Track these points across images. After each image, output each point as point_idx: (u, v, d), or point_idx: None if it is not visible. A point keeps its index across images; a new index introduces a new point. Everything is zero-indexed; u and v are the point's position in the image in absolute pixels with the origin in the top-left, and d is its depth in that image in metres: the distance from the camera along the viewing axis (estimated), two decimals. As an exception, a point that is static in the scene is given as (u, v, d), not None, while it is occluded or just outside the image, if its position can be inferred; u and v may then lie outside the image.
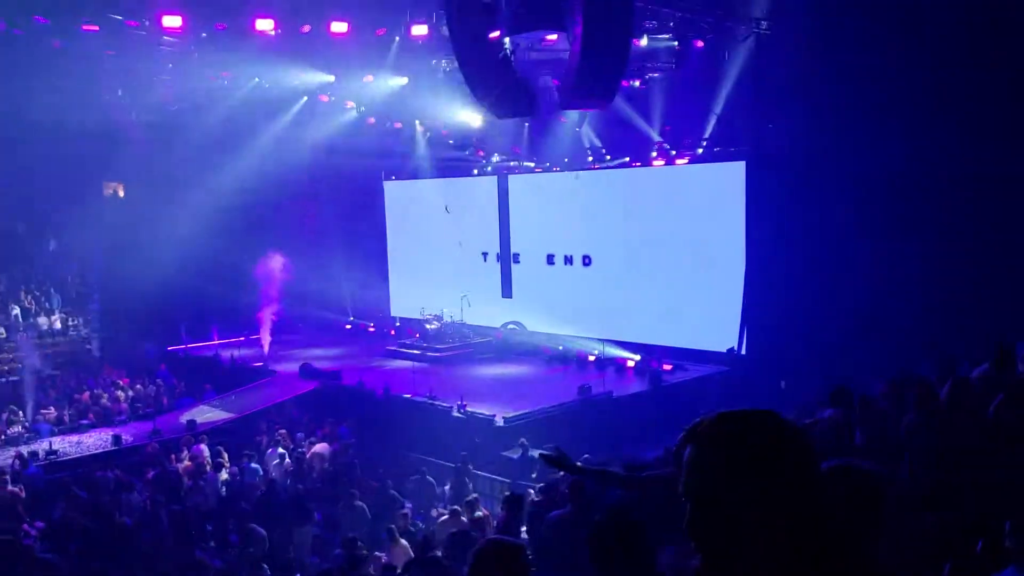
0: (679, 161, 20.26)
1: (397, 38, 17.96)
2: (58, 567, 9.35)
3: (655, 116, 20.12)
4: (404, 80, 20.41)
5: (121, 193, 25.79)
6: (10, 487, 13.01)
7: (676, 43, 17.75)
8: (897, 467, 5.26)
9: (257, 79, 20.31)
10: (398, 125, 24.60)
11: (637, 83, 19.40)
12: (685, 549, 1.57)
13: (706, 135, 19.53)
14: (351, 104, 22.96)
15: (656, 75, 19.15)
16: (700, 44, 17.88)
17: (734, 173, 19.03)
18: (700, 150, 19.90)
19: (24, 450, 15.53)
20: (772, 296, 17.72)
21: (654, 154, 20.62)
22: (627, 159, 21.40)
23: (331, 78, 20.36)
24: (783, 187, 17.56)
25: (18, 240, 24.20)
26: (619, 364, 19.76)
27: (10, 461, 14.59)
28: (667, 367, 18.82)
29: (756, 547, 1.43)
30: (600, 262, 21.84)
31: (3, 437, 17.07)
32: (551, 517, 6.32)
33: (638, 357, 19.73)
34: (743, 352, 18.83)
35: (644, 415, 14.89)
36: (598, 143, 22.05)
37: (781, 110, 17.49)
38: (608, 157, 21.84)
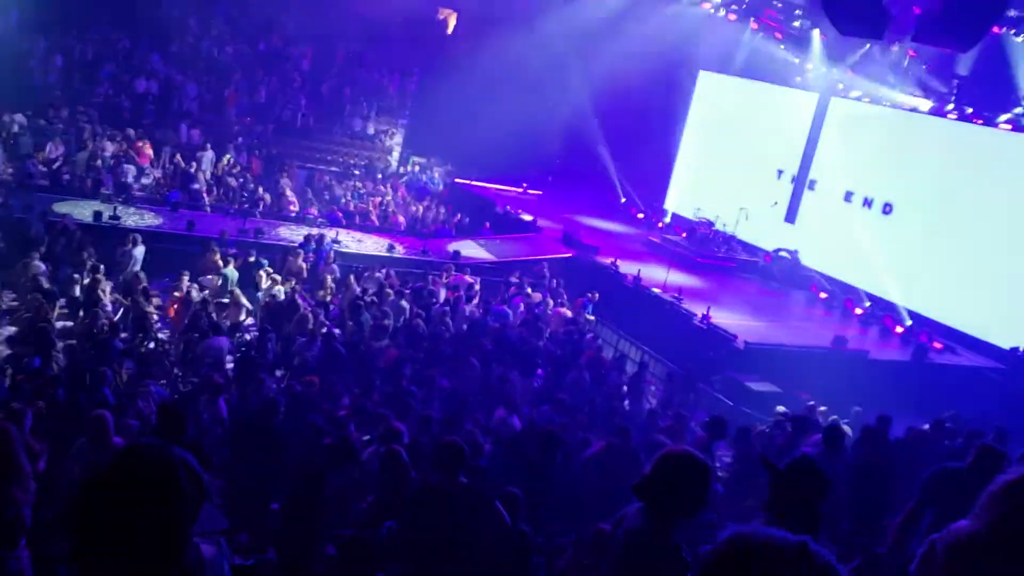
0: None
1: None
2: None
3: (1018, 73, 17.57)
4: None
5: (452, 22, 26.97)
6: (301, 260, 14.91)
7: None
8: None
9: None
10: (732, 17, 23.44)
11: (1013, 32, 16.95)
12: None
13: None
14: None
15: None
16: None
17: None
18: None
19: (315, 231, 17.47)
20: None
21: (1003, 117, 18.17)
22: (969, 111, 19.07)
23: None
24: None
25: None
26: (886, 326, 18.38)
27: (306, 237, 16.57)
28: (937, 345, 17.25)
29: None
30: (901, 214, 20.04)
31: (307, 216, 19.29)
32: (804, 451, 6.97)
33: (909, 322, 18.24)
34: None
35: (899, 387, 13.82)
36: (942, 88, 19.72)
37: None
38: (951, 106, 19.50)
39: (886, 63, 20.39)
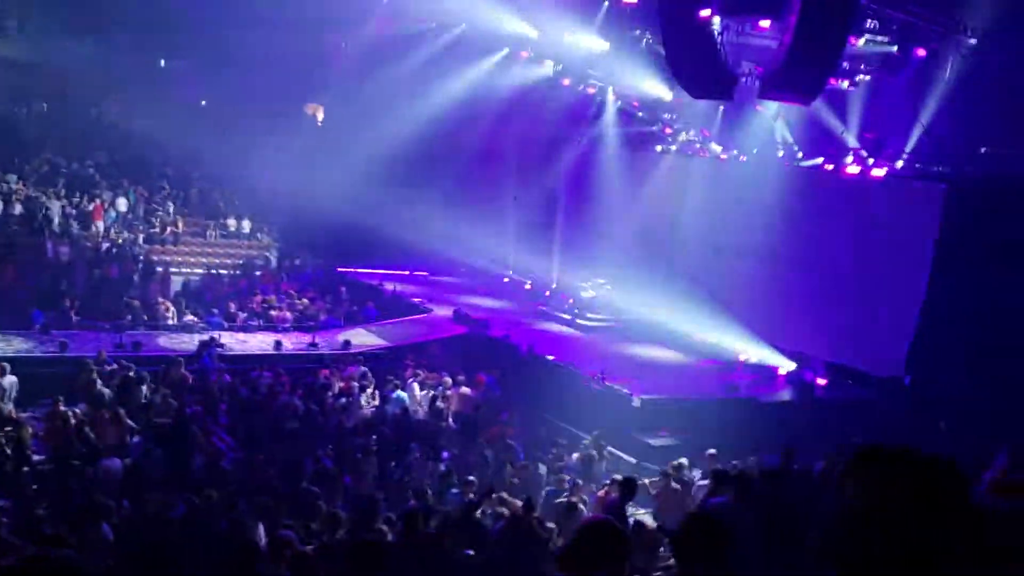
0: (875, 172, 19.10)
1: (607, 2, 17.89)
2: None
3: (857, 121, 18.99)
4: (606, 45, 20.31)
5: (320, 116, 27.14)
6: (183, 369, 14.30)
7: (895, 48, 16.73)
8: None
9: (464, 25, 20.77)
10: (592, 90, 24.43)
11: (846, 84, 18.32)
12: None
13: (908, 149, 18.31)
14: (549, 62, 23.01)
15: (867, 78, 18.09)
16: (921, 53, 16.75)
17: (931, 194, 17.82)
18: (900, 163, 18.68)
19: (197, 338, 16.91)
20: (950, 332, 16.53)
21: (849, 159, 19.54)
22: (820, 160, 20.40)
23: (535, 33, 20.56)
24: (983, 219, 16.23)
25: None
26: (771, 370, 19.09)
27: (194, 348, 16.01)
28: (821, 381, 18.02)
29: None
30: (770, 261, 21.02)
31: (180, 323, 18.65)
32: (711, 502, 7.43)
33: (792, 366, 19.00)
34: (906, 383, 17.78)
35: (790, 426, 14.34)
36: (791, 139, 21.06)
37: (996, 136, 16.15)
38: (800, 156, 20.83)
39: (738, 118, 21.64)
